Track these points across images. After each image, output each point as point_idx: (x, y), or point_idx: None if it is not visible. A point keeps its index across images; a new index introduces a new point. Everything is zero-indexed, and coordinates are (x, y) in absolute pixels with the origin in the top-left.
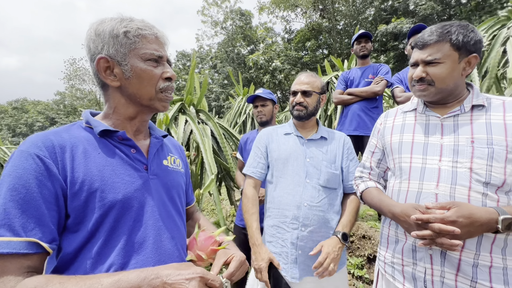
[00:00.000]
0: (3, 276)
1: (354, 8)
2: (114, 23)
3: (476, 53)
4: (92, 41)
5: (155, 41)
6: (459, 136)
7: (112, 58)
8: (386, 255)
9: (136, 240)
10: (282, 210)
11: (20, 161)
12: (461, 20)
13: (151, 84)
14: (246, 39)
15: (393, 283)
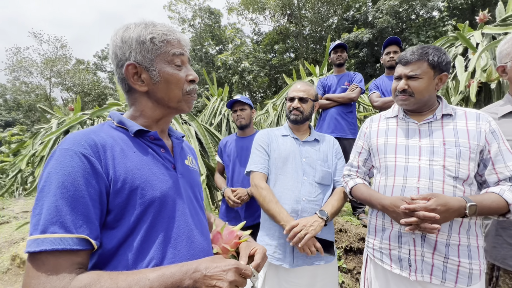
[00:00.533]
0: (58, 273)
1: (319, 15)
2: (139, 30)
3: (446, 72)
4: (118, 48)
5: (178, 45)
6: (433, 139)
7: (140, 64)
8: (374, 242)
9: (172, 235)
10: (282, 204)
11: (66, 159)
12: (411, 34)
13: (178, 87)
14: (215, 38)
15: (381, 265)
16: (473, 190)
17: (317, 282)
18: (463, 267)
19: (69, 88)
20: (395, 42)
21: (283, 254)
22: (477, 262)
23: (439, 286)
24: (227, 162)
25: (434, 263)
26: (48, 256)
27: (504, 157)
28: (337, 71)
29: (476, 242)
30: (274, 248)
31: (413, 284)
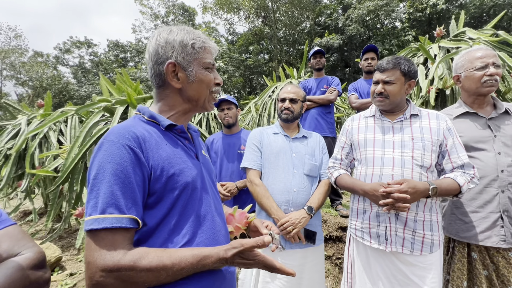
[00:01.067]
0: (115, 246)
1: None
2: (183, 34)
3: (414, 79)
4: (161, 47)
5: (210, 52)
6: (404, 135)
7: (179, 64)
8: (356, 223)
9: (200, 215)
10: (275, 195)
11: (115, 150)
12: (376, 41)
13: (208, 87)
14: None
15: (362, 242)
16: (434, 176)
17: (307, 263)
18: (427, 238)
19: (25, 82)
20: (372, 50)
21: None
22: (437, 234)
23: (408, 255)
24: (215, 159)
25: (405, 236)
26: (107, 233)
27: (457, 149)
28: (317, 75)
29: (437, 218)
30: None
31: (388, 255)
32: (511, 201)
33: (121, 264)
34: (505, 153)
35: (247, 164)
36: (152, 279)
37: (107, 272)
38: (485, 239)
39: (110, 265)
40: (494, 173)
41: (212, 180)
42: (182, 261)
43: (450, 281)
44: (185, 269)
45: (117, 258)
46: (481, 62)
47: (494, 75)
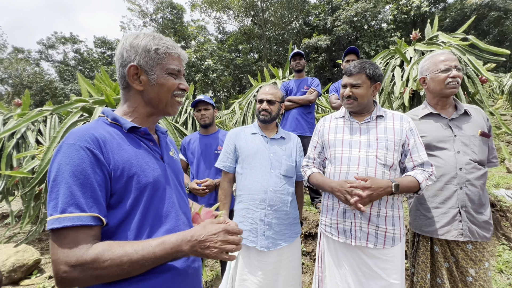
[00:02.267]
0: (78, 244)
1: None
2: (147, 40)
3: (379, 82)
4: (125, 50)
5: (177, 59)
6: (370, 135)
7: (141, 67)
8: (325, 219)
9: (163, 214)
10: (252, 195)
11: (73, 152)
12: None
13: (169, 91)
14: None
15: (331, 238)
16: (397, 174)
17: (283, 260)
18: (389, 232)
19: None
20: (353, 52)
21: (256, 237)
22: (398, 228)
23: (372, 249)
24: (191, 159)
25: (369, 231)
26: (68, 231)
27: (418, 148)
28: (297, 76)
29: (398, 213)
30: (248, 233)
31: (354, 249)
32: (468, 197)
33: (84, 258)
34: (463, 152)
35: (217, 164)
36: (116, 270)
37: (70, 267)
38: (445, 233)
39: (73, 260)
40: (453, 171)
41: (178, 181)
42: (145, 247)
43: (415, 273)
44: (148, 255)
45: (80, 254)
46: (445, 65)
47: (456, 77)
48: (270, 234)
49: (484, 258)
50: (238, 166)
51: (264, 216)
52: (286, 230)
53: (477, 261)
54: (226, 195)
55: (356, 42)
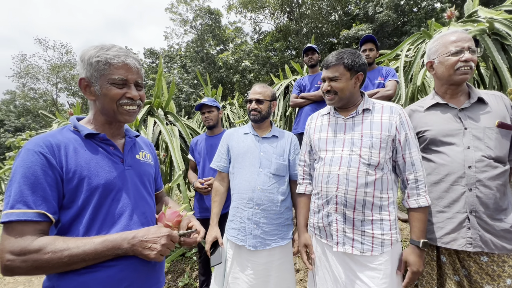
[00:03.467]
0: (23, 236)
1: (319, 12)
2: (92, 52)
3: (361, 72)
4: (78, 64)
5: (122, 67)
6: (355, 132)
7: (89, 79)
8: (313, 221)
9: (116, 214)
10: (241, 194)
11: (28, 156)
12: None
13: (113, 101)
14: (216, 38)
15: (320, 240)
16: (385, 173)
17: (274, 261)
18: (376, 237)
19: (75, 93)
20: (370, 40)
21: (244, 236)
22: (388, 233)
23: (359, 256)
24: (198, 159)
25: (354, 237)
26: (16, 225)
27: (409, 145)
28: (311, 72)
29: (389, 217)
30: (237, 231)
31: (340, 255)
32: (480, 201)
33: (27, 249)
34: (475, 147)
35: (212, 164)
36: (56, 262)
37: (14, 255)
38: (450, 242)
39: (17, 249)
40: (460, 170)
41: (142, 182)
42: (88, 242)
43: (419, 285)
44: (89, 250)
45: (24, 245)
46: (456, 46)
47: (469, 61)
48: (258, 233)
49: (505, 274)
50: (230, 166)
51: (251, 215)
52: (276, 230)
53: (496, 277)
54: (216, 193)
55: (404, 28)
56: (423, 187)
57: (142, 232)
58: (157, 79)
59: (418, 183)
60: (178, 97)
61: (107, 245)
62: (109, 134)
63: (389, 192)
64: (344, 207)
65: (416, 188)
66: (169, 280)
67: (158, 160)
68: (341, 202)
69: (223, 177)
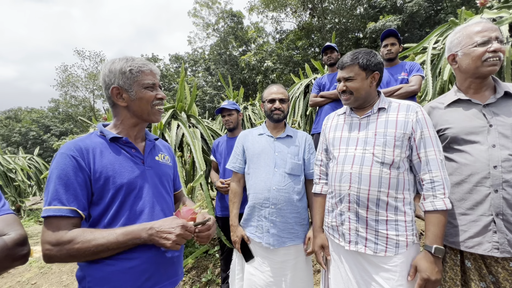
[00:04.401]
0: (59, 229)
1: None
2: (122, 63)
3: (377, 71)
4: (106, 76)
5: (150, 74)
6: (368, 131)
7: (121, 87)
8: (328, 220)
9: (137, 210)
10: (257, 194)
11: (62, 159)
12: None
13: (148, 102)
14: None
15: (334, 240)
16: (401, 172)
17: (290, 260)
18: (391, 238)
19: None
20: (392, 34)
21: (261, 234)
22: (404, 234)
23: (372, 256)
24: (220, 160)
25: (368, 236)
26: (53, 220)
27: (425, 143)
28: (331, 70)
29: (404, 218)
30: (255, 229)
31: (354, 254)
32: (507, 202)
33: (61, 240)
34: (501, 145)
35: (228, 165)
36: (85, 251)
37: (52, 245)
38: (475, 246)
39: (54, 241)
40: (485, 170)
41: (161, 181)
42: (111, 233)
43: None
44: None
45: (59, 236)
46: (482, 36)
47: (498, 51)
48: (275, 231)
49: None
50: (246, 167)
51: (268, 214)
52: (293, 229)
53: None
54: (235, 194)
55: (437, 16)
56: (440, 188)
57: (159, 223)
58: (179, 83)
59: (434, 184)
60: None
61: (128, 235)
62: (131, 138)
63: (405, 192)
64: (357, 206)
65: (432, 189)
66: (193, 276)
67: (176, 162)
68: (354, 200)
69: (239, 178)
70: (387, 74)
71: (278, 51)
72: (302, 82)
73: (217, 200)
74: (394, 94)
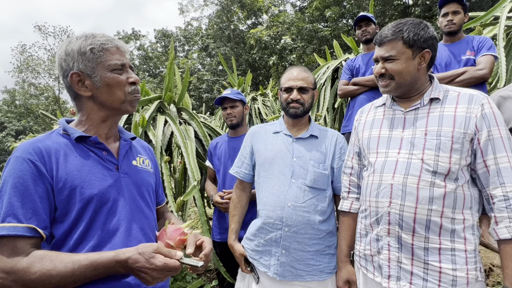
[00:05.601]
0: (15, 251)
1: None
2: (80, 42)
3: (428, 49)
4: (63, 60)
5: (117, 52)
6: (416, 129)
7: (83, 72)
8: (360, 248)
9: (111, 229)
10: (267, 211)
11: (17, 164)
12: None
13: (120, 89)
14: (245, 9)
15: (366, 274)
16: (460, 185)
17: None
18: (445, 273)
19: None
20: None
21: (268, 261)
22: (464, 268)
23: None
24: (218, 166)
25: (414, 270)
26: (8, 240)
27: (495, 146)
28: (366, 49)
29: (464, 247)
30: (260, 254)
31: None
32: None
33: (17, 267)
34: None
35: (231, 170)
36: (46, 283)
37: (5, 274)
38: None
39: (8, 267)
40: None
41: (140, 192)
42: (75, 263)
43: None
44: (78, 271)
45: (15, 262)
46: None
47: None
48: (288, 261)
49: None
50: (255, 174)
51: (279, 238)
52: (312, 260)
53: None
54: (236, 207)
55: None
56: None
57: (134, 257)
58: (167, 67)
59: (511, 202)
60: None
61: (97, 267)
62: (102, 137)
63: (465, 212)
64: (400, 229)
65: (508, 210)
66: None
67: (158, 167)
68: (395, 221)
69: (244, 187)
70: (447, 53)
71: (298, 24)
72: (329, 65)
73: (214, 220)
74: (455, 81)
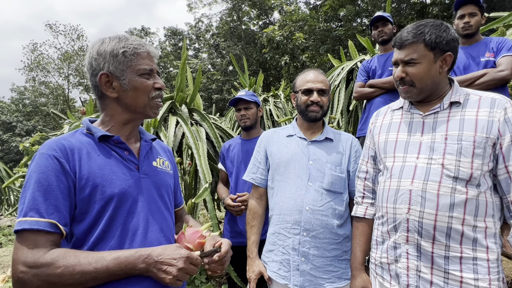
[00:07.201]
0: (36, 247)
1: None
2: (113, 44)
3: (450, 51)
4: (94, 59)
5: (147, 57)
6: (436, 133)
7: (112, 74)
8: (376, 256)
9: (130, 229)
10: (283, 215)
11: (42, 160)
12: None
13: (146, 93)
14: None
15: (383, 283)
16: (482, 192)
17: None
18: (467, 283)
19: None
20: (470, 1)
21: (288, 272)
22: (486, 279)
23: None
24: (230, 169)
25: (434, 279)
26: (30, 234)
27: None
28: (383, 50)
29: (486, 255)
30: (278, 265)
31: None
32: None
33: (40, 261)
34: None
35: (245, 176)
36: (68, 278)
37: (27, 267)
38: None
39: (30, 261)
40: None
41: (160, 194)
42: (99, 259)
43: None
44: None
45: (37, 256)
46: None
47: None
48: (307, 269)
49: None
50: (269, 177)
51: (298, 244)
52: (331, 266)
53: None
54: (254, 216)
55: None
56: None
57: (158, 251)
58: (180, 67)
59: None
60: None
61: (120, 263)
62: (123, 137)
63: (488, 220)
64: (419, 236)
65: None
66: None
67: (177, 169)
68: (414, 228)
69: (260, 194)
70: (464, 55)
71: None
72: (344, 66)
73: (225, 223)
74: (475, 84)
